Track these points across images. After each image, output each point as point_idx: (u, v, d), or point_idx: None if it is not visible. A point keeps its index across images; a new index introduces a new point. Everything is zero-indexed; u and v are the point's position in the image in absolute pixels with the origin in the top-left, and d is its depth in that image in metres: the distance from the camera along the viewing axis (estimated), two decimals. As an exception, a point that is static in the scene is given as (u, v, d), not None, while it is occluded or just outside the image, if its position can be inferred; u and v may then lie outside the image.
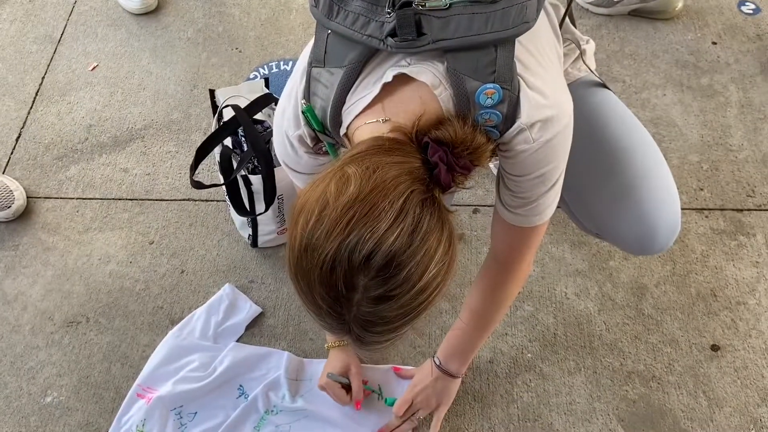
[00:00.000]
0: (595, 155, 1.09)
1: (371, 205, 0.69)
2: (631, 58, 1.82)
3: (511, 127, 0.83)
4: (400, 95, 0.83)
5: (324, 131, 0.92)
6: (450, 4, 0.78)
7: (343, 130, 0.88)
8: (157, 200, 1.66)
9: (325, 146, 0.96)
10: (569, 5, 1.06)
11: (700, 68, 1.79)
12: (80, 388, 1.40)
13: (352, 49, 0.84)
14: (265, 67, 1.88)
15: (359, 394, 1.30)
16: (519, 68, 0.82)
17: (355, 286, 0.70)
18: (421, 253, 0.70)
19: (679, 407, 1.31)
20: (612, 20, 1.89)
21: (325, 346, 1.35)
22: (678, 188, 1.09)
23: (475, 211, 1.58)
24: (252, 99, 1.35)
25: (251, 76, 1.87)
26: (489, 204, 1.58)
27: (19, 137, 1.80)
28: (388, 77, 0.82)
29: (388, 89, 0.83)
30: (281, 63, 1.89)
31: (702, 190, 1.58)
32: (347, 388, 1.30)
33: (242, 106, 1.33)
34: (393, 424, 1.29)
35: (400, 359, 1.39)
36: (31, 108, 1.85)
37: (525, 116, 0.81)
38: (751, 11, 1.90)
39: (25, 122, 1.82)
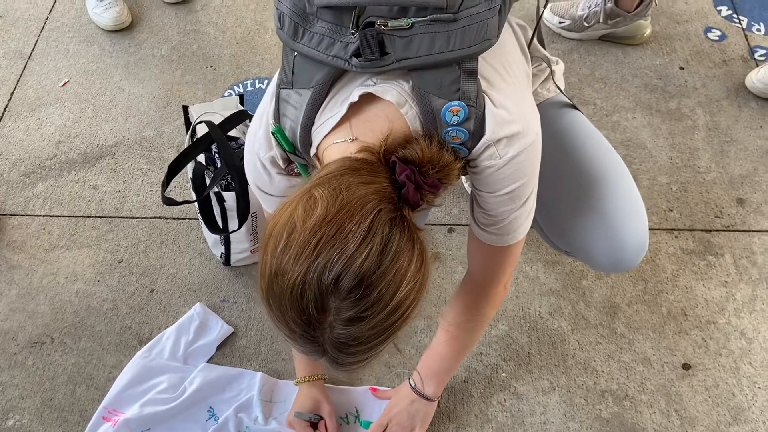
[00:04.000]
0: (564, 175, 1.11)
1: (338, 226, 0.69)
2: (602, 81, 1.86)
3: (478, 143, 0.83)
4: (366, 114, 0.83)
5: (295, 152, 0.92)
6: (412, 24, 0.78)
7: (313, 151, 0.89)
8: (127, 218, 1.63)
9: (297, 167, 0.96)
10: (537, 25, 1.08)
11: (668, 92, 1.84)
12: (43, 410, 1.35)
13: (319, 69, 0.85)
14: (240, 85, 1.88)
15: None
16: (484, 85, 0.83)
17: (326, 309, 0.70)
18: (392, 273, 0.70)
19: (652, 426, 1.32)
20: (583, 45, 1.93)
21: (294, 381, 1.32)
22: (648, 209, 1.11)
23: (450, 230, 1.58)
24: (226, 115, 1.34)
25: (226, 93, 1.86)
26: (464, 223, 1.59)
27: (-15, 153, 1.76)
28: (354, 97, 0.83)
29: (354, 108, 0.83)
30: (256, 81, 1.89)
31: (671, 210, 1.61)
32: (314, 425, 1.28)
33: (216, 123, 1.32)
34: (368, 446, 1.27)
35: (375, 380, 1.37)
36: (-2, 123, 1.82)
37: (490, 132, 0.82)
38: (717, 38, 1.96)
39: (-9, 138, 1.79)
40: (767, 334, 1.42)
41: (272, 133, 0.90)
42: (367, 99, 0.83)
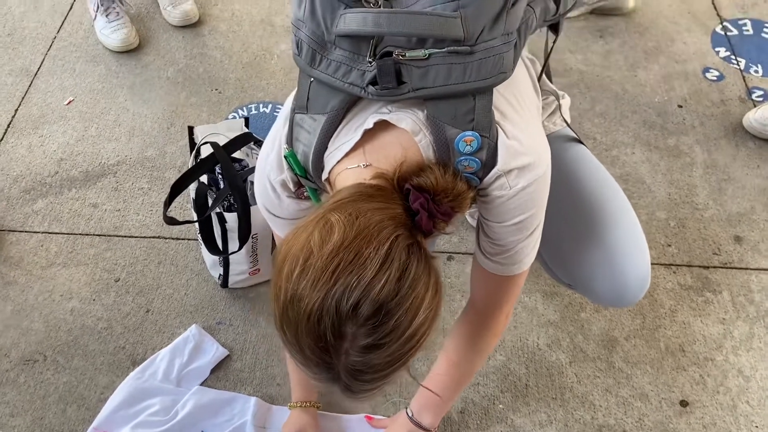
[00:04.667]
0: (569, 208, 1.12)
1: (356, 251, 0.69)
2: (602, 117, 1.89)
3: (489, 173, 0.84)
4: (380, 141, 0.84)
5: (306, 176, 0.92)
6: (429, 55, 0.79)
7: (324, 175, 0.89)
8: (125, 236, 1.62)
9: (307, 191, 0.96)
10: (547, 59, 1.10)
11: (667, 129, 1.86)
12: (34, 429, 1.33)
13: (335, 96, 0.85)
14: (245, 108, 1.89)
15: None
16: (497, 116, 0.84)
17: (343, 335, 0.69)
18: (409, 301, 0.70)
19: (649, 463, 1.30)
20: (584, 80, 1.96)
21: (288, 405, 1.31)
22: (646, 243, 1.12)
23: (449, 258, 1.58)
24: (231, 137, 1.35)
25: (230, 116, 1.87)
26: (463, 251, 1.59)
27: (-14, 168, 1.76)
28: (369, 124, 0.83)
29: (369, 135, 0.84)
30: (260, 105, 1.90)
31: (670, 246, 1.62)
32: None
33: (221, 144, 1.33)
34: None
35: (371, 408, 1.36)
36: (1, 139, 1.82)
37: (501, 163, 0.83)
38: (715, 78, 1.99)
39: (-7, 153, 1.79)
40: (765, 372, 1.42)
41: (285, 156, 0.91)
42: (382, 126, 0.84)
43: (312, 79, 0.86)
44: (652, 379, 1.41)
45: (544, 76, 1.13)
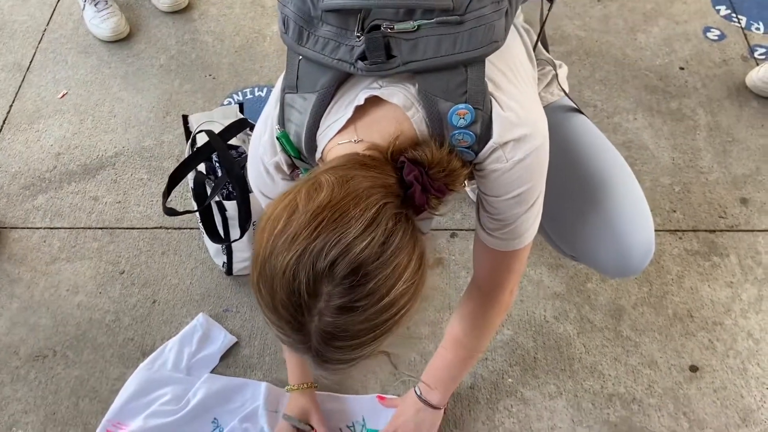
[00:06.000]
0: (570, 179, 1.10)
1: (342, 211, 0.68)
2: (602, 83, 1.86)
3: (485, 146, 0.82)
4: (372, 117, 0.83)
5: (300, 157, 0.91)
6: (418, 27, 0.78)
7: (318, 155, 0.88)
8: (128, 228, 1.62)
9: (301, 172, 0.95)
10: (542, 27, 1.07)
11: (669, 93, 1.83)
12: (47, 424, 1.34)
13: (324, 73, 0.84)
14: (239, 93, 1.87)
15: None
16: (491, 87, 0.82)
17: (318, 294, 0.68)
18: (390, 267, 0.68)
19: (660, 430, 1.30)
20: (582, 46, 1.93)
21: (286, 388, 1.31)
22: (651, 210, 1.10)
23: (452, 236, 1.57)
24: (226, 124, 1.34)
25: (225, 102, 1.86)
26: (467, 228, 1.58)
27: (-16, 166, 1.75)
28: (360, 100, 0.82)
29: (360, 112, 0.83)
30: (255, 89, 1.88)
31: (675, 211, 1.60)
32: None
33: (216, 132, 1.32)
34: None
35: (381, 387, 1.36)
36: (-3, 136, 1.81)
37: (497, 135, 0.81)
38: (716, 37, 1.95)
39: (-9, 151, 1.78)
40: (774, 334, 1.42)
41: (277, 138, 0.90)
42: (373, 102, 0.82)
43: (300, 57, 0.85)
44: (661, 346, 1.41)
45: (539, 45, 1.11)
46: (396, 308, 0.70)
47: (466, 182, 1.45)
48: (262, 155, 0.94)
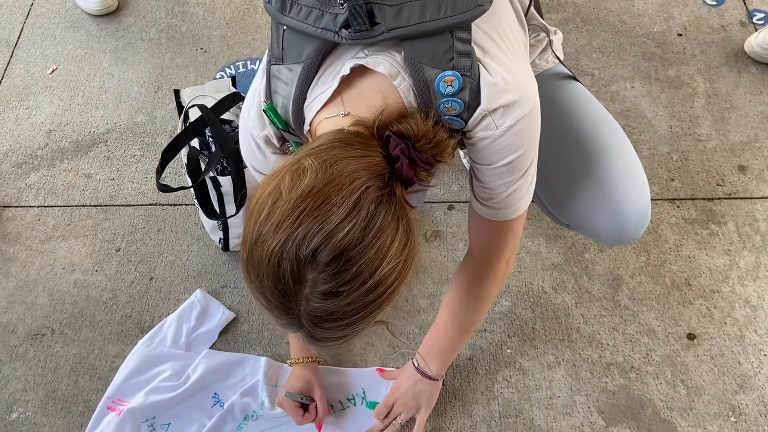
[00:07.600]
0: (565, 147, 1.09)
1: (324, 198, 0.68)
2: (599, 51, 1.83)
3: (473, 114, 0.81)
4: (359, 88, 0.81)
5: (288, 130, 0.89)
6: None
7: (306, 127, 0.87)
8: (122, 206, 1.61)
9: (291, 145, 0.94)
10: (534, -8, 1.05)
11: (666, 60, 1.81)
12: (47, 402, 1.34)
13: (309, 43, 0.82)
14: (232, 66, 1.85)
15: (323, 417, 1.27)
16: (478, 53, 0.80)
17: (303, 281, 0.68)
18: (373, 250, 0.68)
19: (658, 397, 1.31)
20: (579, 14, 1.90)
21: (288, 361, 1.32)
22: (649, 179, 1.09)
23: (450, 208, 1.56)
24: (218, 98, 1.32)
25: (217, 76, 1.83)
26: (464, 200, 1.57)
27: (-25, 144, 1.73)
28: (346, 70, 0.81)
29: (347, 82, 0.81)
30: (248, 62, 1.85)
31: (673, 180, 1.59)
32: (305, 406, 1.27)
33: (209, 106, 1.30)
34: (376, 428, 1.27)
35: (380, 360, 1.37)
36: (-13, 114, 1.79)
37: (485, 102, 0.80)
38: (714, 2, 1.92)
39: (-19, 129, 1.76)
40: (771, 301, 1.42)
41: (264, 111, 0.88)
42: (360, 72, 0.81)
43: (285, 27, 0.83)
44: (659, 315, 1.41)
45: (533, 10, 1.09)
46: (383, 287, 0.70)
47: (461, 152, 1.43)
48: (251, 129, 0.93)
